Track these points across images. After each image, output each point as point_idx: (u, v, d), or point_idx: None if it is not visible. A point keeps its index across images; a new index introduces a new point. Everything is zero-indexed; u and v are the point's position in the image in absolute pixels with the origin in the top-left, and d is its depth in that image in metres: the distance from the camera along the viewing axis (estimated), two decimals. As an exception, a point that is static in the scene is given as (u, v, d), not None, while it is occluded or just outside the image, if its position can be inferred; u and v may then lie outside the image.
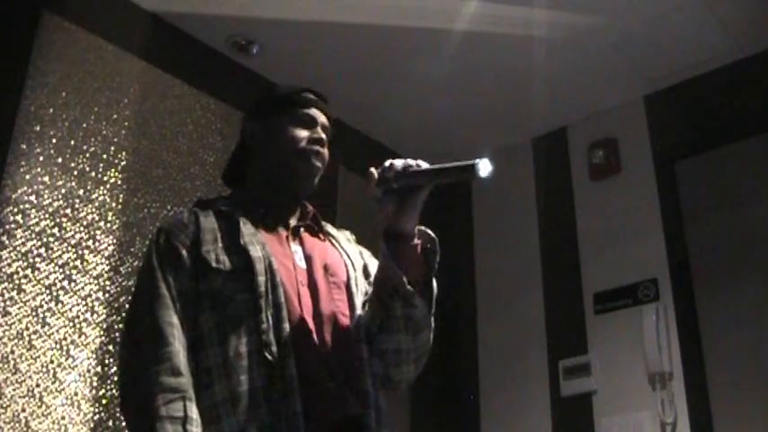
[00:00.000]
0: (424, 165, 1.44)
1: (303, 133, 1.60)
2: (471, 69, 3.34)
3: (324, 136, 1.62)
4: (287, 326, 1.40)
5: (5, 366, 2.28)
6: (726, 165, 3.22)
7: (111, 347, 2.55)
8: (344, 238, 1.70)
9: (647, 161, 3.41)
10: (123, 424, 2.48)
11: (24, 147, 2.52)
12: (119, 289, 2.63)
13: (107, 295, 2.59)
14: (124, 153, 2.80)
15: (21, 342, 2.34)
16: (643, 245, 3.29)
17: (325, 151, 1.63)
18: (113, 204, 2.71)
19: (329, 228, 1.69)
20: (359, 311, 1.53)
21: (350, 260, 1.61)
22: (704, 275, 3.15)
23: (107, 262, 2.63)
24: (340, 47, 3.22)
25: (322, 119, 1.64)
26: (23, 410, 2.29)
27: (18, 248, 2.42)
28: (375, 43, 3.21)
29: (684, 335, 3.08)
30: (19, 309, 2.37)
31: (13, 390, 2.28)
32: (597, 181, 3.53)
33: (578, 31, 3.11)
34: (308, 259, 1.54)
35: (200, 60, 3.19)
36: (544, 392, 3.37)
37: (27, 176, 2.50)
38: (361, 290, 1.57)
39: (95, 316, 2.54)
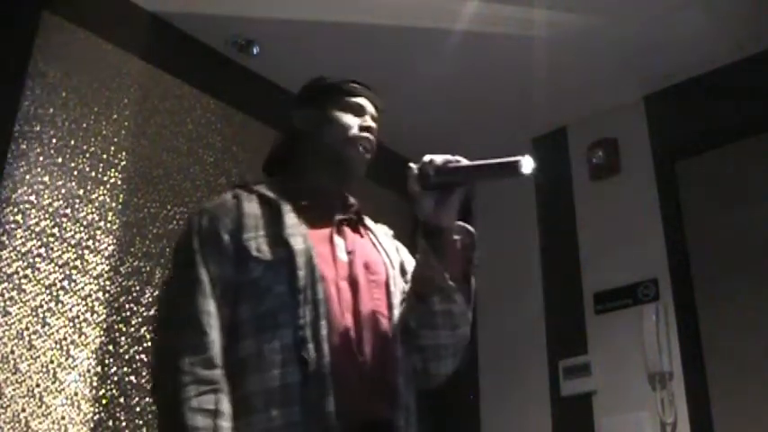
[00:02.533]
0: (464, 161, 1.42)
1: (354, 121, 1.60)
2: (471, 69, 3.34)
3: (373, 124, 1.62)
4: (324, 323, 1.38)
5: (5, 366, 2.28)
6: (726, 165, 3.22)
7: (111, 347, 2.55)
8: (383, 232, 1.69)
9: (647, 161, 3.41)
10: (123, 424, 2.48)
11: (24, 147, 2.52)
12: (119, 289, 2.63)
13: (107, 295, 2.59)
14: (124, 153, 2.80)
15: (21, 342, 2.34)
16: (643, 245, 3.29)
17: (374, 139, 1.62)
18: (113, 204, 2.71)
19: (368, 221, 1.68)
20: (396, 310, 1.52)
21: (388, 258, 1.60)
22: (704, 275, 3.15)
23: (107, 262, 2.63)
24: (340, 47, 3.22)
25: (370, 108, 1.64)
26: (23, 410, 2.28)
27: (18, 248, 2.42)
28: (375, 43, 3.21)
29: (684, 335, 3.08)
30: (19, 309, 2.36)
31: (13, 390, 2.28)
32: (597, 181, 3.53)
33: (578, 31, 3.11)
34: (350, 254, 1.53)
35: (201, 60, 3.19)
36: (544, 392, 3.37)
37: (27, 176, 2.50)
38: (399, 288, 1.56)
39: (95, 316, 2.54)
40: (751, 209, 3.09)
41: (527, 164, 1.34)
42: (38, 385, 2.34)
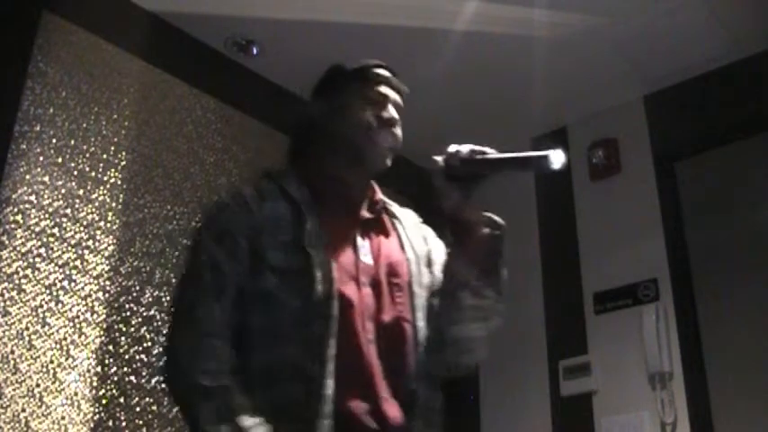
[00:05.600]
0: (490, 151, 1.40)
1: (373, 113, 1.53)
2: (471, 69, 3.33)
3: (395, 115, 1.55)
4: (333, 342, 1.34)
5: (5, 366, 2.28)
6: (726, 165, 3.22)
7: (111, 347, 2.55)
8: (411, 222, 1.63)
9: (647, 161, 3.41)
10: (123, 424, 2.48)
11: (24, 147, 2.52)
12: (119, 289, 2.63)
13: (107, 295, 2.59)
14: (124, 153, 2.80)
15: (21, 342, 2.34)
16: (643, 245, 3.28)
17: (398, 130, 1.56)
18: (113, 204, 2.71)
19: (395, 209, 1.62)
20: (420, 312, 1.49)
21: (414, 254, 1.54)
22: (704, 275, 3.15)
23: (107, 262, 2.63)
24: (340, 47, 3.21)
25: (393, 95, 1.57)
26: (23, 410, 2.28)
27: (18, 248, 2.42)
28: (375, 43, 3.21)
29: (684, 335, 3.08)
30: (19, 309, 2.36)
31: (13, 390, 2.28)
32: (597, 181, 3.53)
33: (578, 31, 3.11)
34: (375, 255, 1.49)
35: (200, 60, 3.19)
36: (544, 392, 3.37)
37: (27, 176, 2.50)
38: (425, 285, 1.52)
39: (95, 316, 2.54)
40: (751, 209, 3.09)
41: (557, 158, 1.31)
42: (38, 385, 2.34)
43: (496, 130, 3.64)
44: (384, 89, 1.57)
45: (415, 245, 1.57)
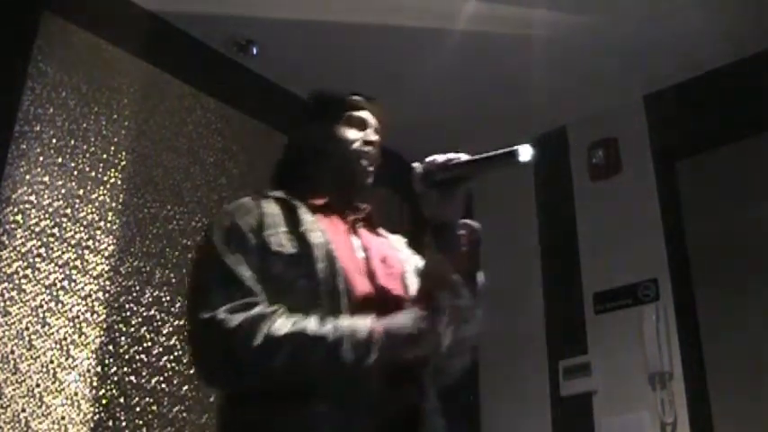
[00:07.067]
0: (465, 157, 1.45)
1: (356, 135, 1.65)
2: (471, 69, 3.34)
3: (376, 137, 1.67)
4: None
5: (5, 366, 2.28)
6: (726, 165, 3.22)
7: (111, 347, 2.55)
8: (397, 239, 1.73)
9: (647, 161, 3.41)
10: (123, 424, 2.48)
11: (24, 147, 2.52)
12: (119, 289, 2.63)
13: (107, 295, 2.59)
14: (124, 153, 2.80)
15: (21, 342, 2.34)
16: (643, 245, 3.29)
17: (377, 152, 1.66)
18: (113, 204, 2.71)
19: (382, 230, 1.71)
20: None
21: (404, 255, 1.65)
22: (704, 275, 3.15)
23: (107, 262, 2.63)
24: (340, 47, 3.22)
25: (372, 120, 1.69)
26: (23, 410, 2.28)
27: (18, 248, 2.42)
28: (375, 43, 3.21)
29: (684, 335, 3.08)
30: (19, 309, 2.36)
31: (13, 390, 2.28)
32: (597, 181, 3.53)
33: (578, 31, 3.11)
34: (366, 250, 1.56)
35: (201, 60, 3.19)
36: (544, 392, 3.37)
37: (27, 176, 2.50)
38: (415, 285, 1.57)
39: (95, 316, 2.54)
40: (751, 209, 3.09)
41: (525, 152, 1.36)
42: (38, 385, 2.34)
43: (496, 130, 3.64)
44: (364, 114, 1.68)
45: (404, 251, 1.68)
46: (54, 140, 2.61)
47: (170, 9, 3.01)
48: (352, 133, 1.65)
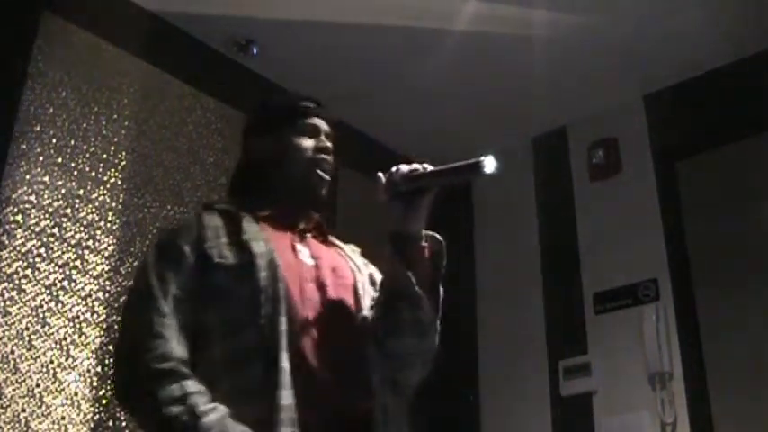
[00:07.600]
0: (430, 167, 1.45)
1: (309, 143, 1.62)
2: (471, 69, 3.34)
3: (329, 144, 1.64)
4: (284, 319, 1.39)
5: (5, 366, 2.28)
6: (726, 165, 3.22)
7: (111, 347, 2.55)
8: (350, 249, 1.70)
9: (647, 161, 3.41)
10: (123, 424, 2.48)
11: (24, 147, 2.52)
12: (119, 289, 2.63)
13: (107, 295, 2.59)
14: (124, 153, 2.80)
15: (21, 342, 2.34)
16: (643, 245, 3.29)
17: (332, 159, 1.64)
18: (113, 204, 2.71)
19: (334, 239, 1.69)
20: (365, 312, 1.52)
21: (356, 266, 1.62)
22: (704, 275, 3.15)
23: (107, 262, 2.63)
24: (340, 47, 3.22)
25: (324, 126, 1.66)
26: (23, 410, 2.28)
27: (18, 248, 2.42)
28: (375, 43, 3.21)
29: (684, 335, 3.08)
30: (19, 309, 2.36)
31: (13, 390, 2.28)
32: (597, 181, 3.53)
33: (578, 31, 3.11)
34: (317, 259, 1.54)
35: (201, 60, 3.19)
36: (544, 392, 3.37)
37: (27, 176, 2.50)
38: (369, 294, 1.57)
39: (95, 316, 2.54)
40: (751, 209, 3.09)
41: (489, 164, 1.36)
42: (38, 385, 2.34)
43: (496, 130, 3.66)
44: (316, 121, 1.65)
45: (357, 262, 1.64)
46: (54, 140, 2.61)
47: (170, 9, 3.01)
48: (304, 141, 1.62)
